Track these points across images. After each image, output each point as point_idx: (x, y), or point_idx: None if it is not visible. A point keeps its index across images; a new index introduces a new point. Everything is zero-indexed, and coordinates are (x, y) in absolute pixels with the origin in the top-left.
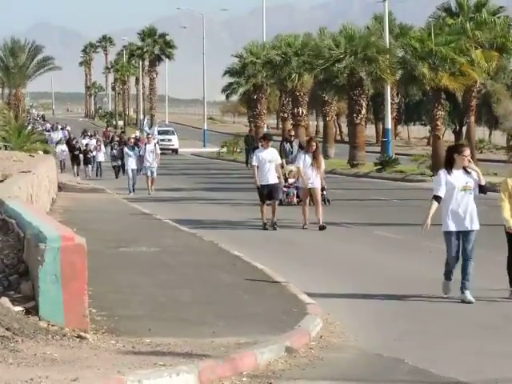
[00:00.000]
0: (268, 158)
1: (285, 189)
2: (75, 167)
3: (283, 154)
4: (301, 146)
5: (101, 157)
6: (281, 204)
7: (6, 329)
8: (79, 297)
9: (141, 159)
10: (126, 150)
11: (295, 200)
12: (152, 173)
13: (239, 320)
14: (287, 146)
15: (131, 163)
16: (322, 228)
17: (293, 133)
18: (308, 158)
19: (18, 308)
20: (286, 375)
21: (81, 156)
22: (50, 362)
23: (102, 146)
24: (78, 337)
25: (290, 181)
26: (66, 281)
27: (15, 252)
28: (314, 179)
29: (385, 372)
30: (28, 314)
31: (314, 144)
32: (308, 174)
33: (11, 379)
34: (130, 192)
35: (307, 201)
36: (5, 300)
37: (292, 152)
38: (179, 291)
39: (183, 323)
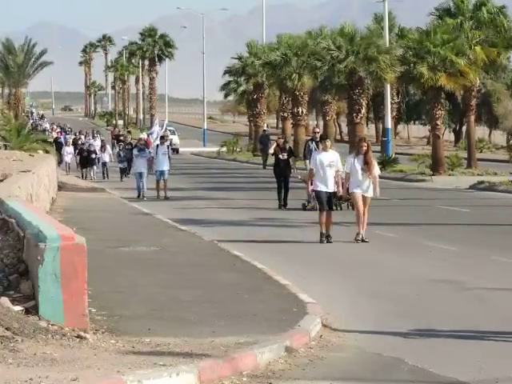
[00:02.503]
0: (327, 162)
1: (309, 192)
2: (82, 169)
3: (308, 153)
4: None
5: (107, 158)
6: (304, 209)
7: (6, 328)
8: (79, 296)
9: (150, 161)
10: (134, 151)
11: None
12: (163, 176)
13: (239, 320)
14: (313, 145)
15: (140, 166)
16: (364, 241)
17: (318, 130)
18: (358, 162)
19: (18, 307)
20: (285, 375)
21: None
22: (49, 361)
23: (108, 147)
24: (77, 336)
25: None
26: (65, 280)
27: (15, 251)
28: (367, 186)
29: (384, 371)
30: (28, 314)
31: (365, 145)
32: (359, 180)
33: (11, 379)
34: (140, 196)
35: (361, 208)
36: (5, 299)
37: None
38: (179, 291)
39: (183, 323)
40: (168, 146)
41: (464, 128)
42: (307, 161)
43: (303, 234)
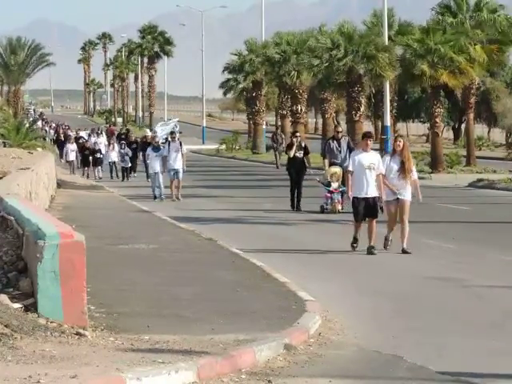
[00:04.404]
0: (367, 163)
1: (328, 194)
2: (85, 168)
3: (328, 153)
4: (349, 147)
5: (114, 156)
6: (323, 212)
7: (5, 326)
8: (78, 294)
9: (164, 159)
10: (149, 150)
11: (339, 207)
12: (177, 175)
13: (238, 317)
14: (334, 144)
15: (155, 165)
16: (405, 252)
17: (340, 129)
18: (394, 162)
19: (17, 305)
20: (284, 372)
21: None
22: (48, 358)
23: (116, 145)
24: (76, 334)
25: (334, 185)
26: (64, 278)
27: (14, 249)
28: (403, 189)
29: (383, 369)
30: (27, 311)
31: (401, 142)
32: (395, 182)
33: (10, 376)
34: (156, 198)
35: (394, 217)
36: (4, 297)
37: (340, 151)
38: (178, 288)
39: (182, 320)
40: (181, 143)
41: (463, 126)
42: (326, 160)
43: (303, 233)
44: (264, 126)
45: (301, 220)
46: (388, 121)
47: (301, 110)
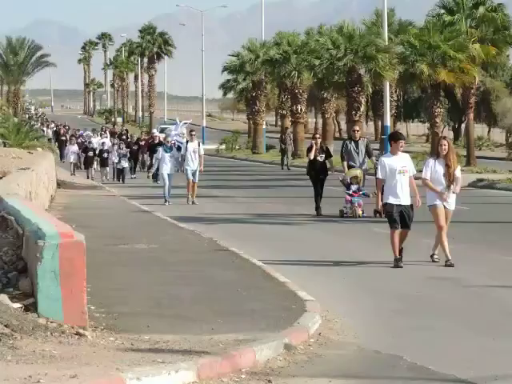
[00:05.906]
0: (398, 167)
1: (348, 197)
2: (89, 170)
3: (346, 154)
4: (367, 150)
5: (116, 158)
6: (342, 216)
7: (5, 326)
8: (78, 294)
9: (181, 160)
10: (160, 151)
11: (360, 211)
12: (194, 176)
13: (238, 317)
14: (351, 145)
15: (167, 167)
16: (449, 265)
17: (357, 128)
18: (439, 166)
19: (17, 305)
20: (284, 372)
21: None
22: (48, 358)
23: (123, 147)
24: (76, 334)
25: (354, 188)
26: (64, 278)
27: (14, 249)
28: (448, 197)
29: (383, 369)
30: (27, 311)
31: (446, 145)
32: (440, 188)
33: (10, 376)
34: (166, 201)
35: (443, 223)
36: (4, 297)
37: (358, 153)
38: (178, 288)
39: (182, 320)
40: (199, 143)
41: (463, 126)
42: (345, 162)
43: (304, 232)
44: (264, 126)
45: (303, 220)
46: (388, 121)
47: (301, 109)
